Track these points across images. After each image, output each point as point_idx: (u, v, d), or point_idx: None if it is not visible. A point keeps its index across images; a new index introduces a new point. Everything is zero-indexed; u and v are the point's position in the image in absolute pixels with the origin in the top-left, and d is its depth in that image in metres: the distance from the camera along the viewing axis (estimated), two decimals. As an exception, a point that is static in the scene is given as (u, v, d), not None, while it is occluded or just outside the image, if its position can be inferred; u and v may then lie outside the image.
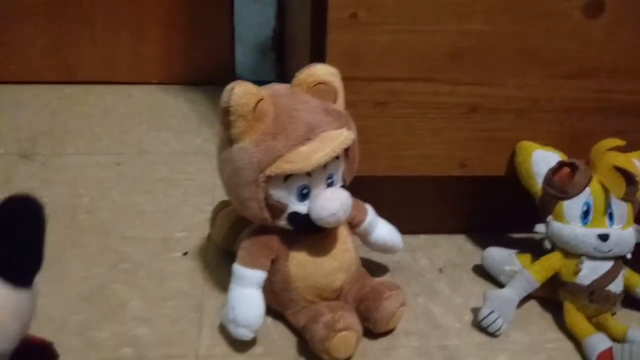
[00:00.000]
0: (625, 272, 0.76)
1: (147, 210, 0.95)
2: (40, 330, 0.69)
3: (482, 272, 0.84)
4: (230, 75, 1.33)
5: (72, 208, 0.93)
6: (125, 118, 1.23)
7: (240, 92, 0.64)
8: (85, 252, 0.84)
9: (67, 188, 0.98)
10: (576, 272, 0.74)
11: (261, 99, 0.65)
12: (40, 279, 0.75)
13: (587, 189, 0.74)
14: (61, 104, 1.27)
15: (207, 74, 1.36)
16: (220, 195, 0.85)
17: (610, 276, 0.74)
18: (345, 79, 0.71)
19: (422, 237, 0.91)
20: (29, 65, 1.34)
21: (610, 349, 0.67)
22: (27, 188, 0.97)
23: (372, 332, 0.72)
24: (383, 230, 0.79)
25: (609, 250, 0.73)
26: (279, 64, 1.34)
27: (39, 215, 0.39)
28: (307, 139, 0.65)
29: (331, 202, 0.66)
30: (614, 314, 0.77)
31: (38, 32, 1.33)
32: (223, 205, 0.84)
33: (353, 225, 0.76)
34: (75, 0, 1.31)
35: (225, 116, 0.65)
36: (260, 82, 0.71)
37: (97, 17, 1.32)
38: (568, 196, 0.75)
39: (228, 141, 0.67)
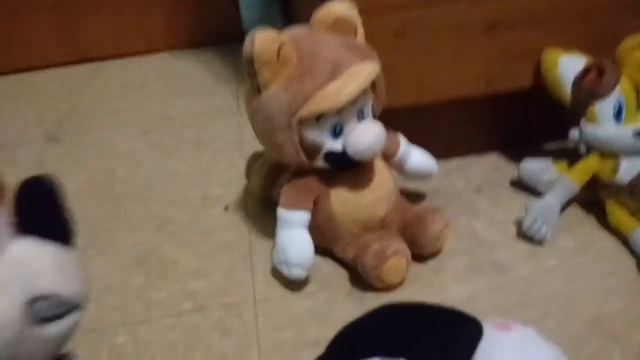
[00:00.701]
0: (663, 165, 0.76)
1: (181, 172, 0.96)
2: (101, 298, 0.73)
3: (520, 186, 0.85)
4: (237, 30, 1.32)
5: (108, 182, 0.95)
6: (142, 89, 1.24)
7: (262, 40, 0.64)
8: (130, 221, 0.86)
9: (100, 164, 1.00)
10: (615, 170, 0.74)
11: (283, 44, 0.65)
12: (89, 252, 0.80)
13: (617, 88, 0.74)
14: (77, 84, 1.28)
15: (215, 34, 1.35)
16: (249, 149, 0.87)
17: (649, 171, 0.74)
18: (361, 11, 0.71)
19: (456, 161, 0.91)
20: (39, 50, 1.34)
21: (656, 240, 0.69)
22: (60, 169, 0.99)
23: (420, 256, 0.74)
24: (417, 157, 0.80)
25: (646, 145, 0.74)
26: (286, 10, 1.33)
27: (54, 186, 0.44)
28: (333, 76, 0.66)
29: (365, 135, 0.67)
30: (656, 207, 0.77)
31: (43, 17, 1.32)
32: (257, 156, 0.85)
33: (388, 156, 0.77)
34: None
35: (250, 65, 0.65)
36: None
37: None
38: (598, 98, 0.74)
39: (256, 90, 0.67)
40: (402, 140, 0.78)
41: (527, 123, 0.90)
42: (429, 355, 0.38)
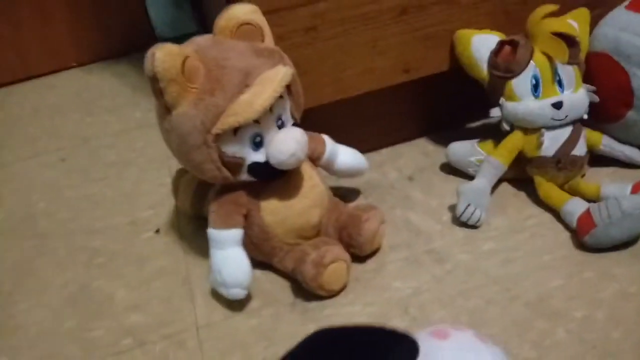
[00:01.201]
0: (585, 133, 0.77)
1: (105, 198, 0.92)
2: (34, 346, 0.68)
3: (450, 169, 0.84)
4: (150, 36, 1.26)
5: (30, 217, 0.90)
6: (55, 111, 1.17)
7: (163, 56, 0.60)
8: (56, 258, 0.82)
9: (19, 198, 0.94)
10: (539, 145, 0.74)
11: (187, 57, 0.61)
12: (16, 297, 0.75)
13: (532, 62, 0.74)
14: (-15, 114, 1.20)
15: (127, 42, 1.29)
16: (176, 164, 0.82)
17: (572, 141, 0.75)
18: (266, 13, 0.68)
19: (385, 151, 0.90)
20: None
21: (588, 210, 0.69)
22: (-22, 208, 0.93)
23: (359, 256, 0.72)
24: (345, 156, 0.78)
25: (566, 117, 0.74)
26: (197, 12, 1.28)
27: None
28: (245, 86, 0.63)
29: (287, 143, 0.64)
30: (583, 175, 0.78)
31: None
32: (182, 173, 0.81)
33: (314, 159, 0.75)
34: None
35: (155, 84, 0.62)
36: (183, 37, 0.68)
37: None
38: (515, 74, 0.74)
39: (165, 110, 0.64)
40: (328, 141, 0.76)
41: (451, 105, 0.89)
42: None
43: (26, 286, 0.78)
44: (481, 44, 0.77)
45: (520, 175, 0.79)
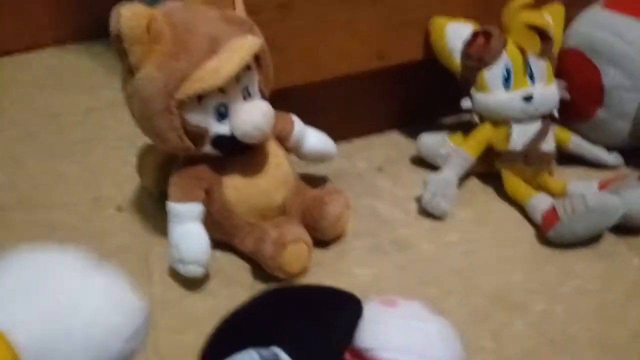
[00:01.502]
0: (555, 130, 0.77)
1: (70, 173, 0.89)
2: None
3: (421, 162, 0.84)
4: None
5: (-11, 189, 0.88)
6: (28, 87, 1.15)
7: (129, 14, 0.59)
8: (16, 231, 0.79)
9: (-20, 170, 0.92)
10: (507, 138, 0.74)
11: (154, 19, 0.60)
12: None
13: (504, 53, 0.74)
14: (-46, 88, 1.18)
15: (105, 25, 1.27)
16: (144, 142, 0.81)
17: (540, 136, 0.74)
18: (240, -16, 0.67)
19: (356, 141, 0.90)
20: None
21: (553, 206, 0.69)
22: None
23: (322, 240, 0.71)
24: (314, 138, 0.77)
25: (536, 110, 0.74)
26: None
27: None
28: (212, 52, 0.61)
29: (252, 114, 0.63)
30: (551, 173, 0.78)
31: None
32: (147, 149, 0.80)
33: (282, 138, 0.73)
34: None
35: (119, 44, 0.61)
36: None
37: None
38: (486, 64, 0.74)
39: (129, 72, 0.63)
40: (297, 121, 0.75)
41: (426, 97, 0.89)
42: (305, 337, 0.35)
43: (-20, 259, 0.76)
44: (455, 33, 0.77)
45: (489, 169, 0.78)
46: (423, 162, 0.84)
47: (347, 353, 0.39)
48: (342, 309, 0.36)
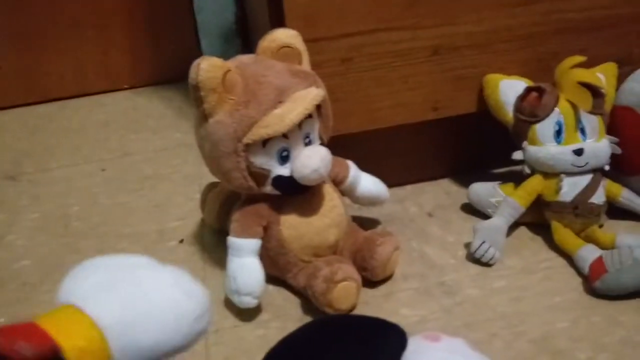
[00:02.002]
0: (605, 184, 0.78)
1: (138, 207, 0.96)
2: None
3: (471, 209, 0.86)
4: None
5: (64, 218, 0.95)
6: (102, 126, 1.24)
7: (207, 66, 0.65)
8: (85, 256, 0.82)
9: (57, 200, 0.99)
10: (558, 190, 0.76)
11: (228, 70, 0.66)
12: (44, 287, 0.79)
13: (556, 108, 0.76)
14: (38, 124, 1.28)
15: (176, 71, 1.36)
16: (207, 181, 0.86)
17: (591, 189, 0.76)
18: (307, 41, 0.73)
19: (409, 187, 0.93)
20: (2, 90, 1.34)
21: (600, 257, 0.69)
22: (17, 207, 0.98)
23: (371, 281, 0.74)
24: (368, 183, 0.80)
25: (586, 164, 0.75)
26: (245, 47, 1.35)
27: None
28: (278, 101, 0.67)
29: (311, 159, 0.68)
30: (601, 226, 0.79)
31: (4, 57, 1.33)
32: (210, 187, 0.85)
33: (337, 182, 0.77)
34: (37, 20, 1.31)
35: (196, 92, 0.66)
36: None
37: (61, 32, 1.33)
38: (539, 119, 0.76)
39: (203, 117, 0.68)
40: (352, 166, 0.79)
41: (478, 147, 0.92)
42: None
43: (53, 279, 0.81)
44: (508, 88, 0.80)
45: (538, 219, 0.80)
46: (473, 210, 0.85)
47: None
48: (387, 339, 0.38)
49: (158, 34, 1.36)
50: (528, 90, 0.78)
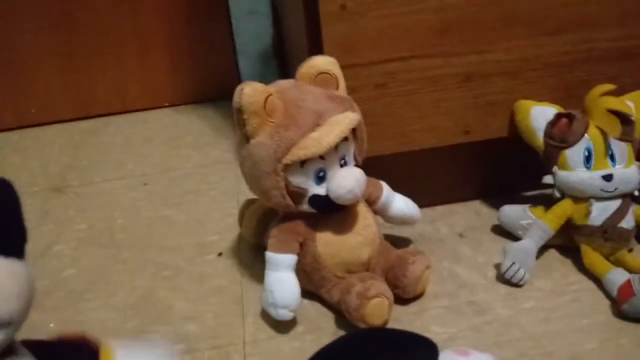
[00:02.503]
0: (634, 209, 0.79)
1: (178, 221, 1.00)
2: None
3: (501, 231, 0.88)
4: (237, 87, 1.38)
5: (108, 230, 0.99)
6: (144, 142, 1.29)
7: (250, 91, 0.69)
8: (128, 267, 0.90)
9: (101, 213, 1.04)
10: (587, 214, 0.77)
11: (270, 95, 0.70)
12: (89, 295, 0.83)
13: (586, 135, 0.78)
14: (82, 139, 1.33)
15: (215, 90, 1.42)
16: (245, 198, 0.90)
17: (620, 214, 0.77)
18: (343, 67, 0.76)
19: (440, 208, 0.95)
20: (47, 107, 1.40)
21: (628, 281, 0.71)
22: (64, 218, 1.03)
23: (403, 298, 0.76)
24: (400, 203, 0.83)
25: (615, 189, 0.77)
26: (282, 69, 1.39)
27: (11, 192, 0.45)
28: (316, 125, 0.70)
29: (347, 179, 0.71)
30: (630, 250, 0.80)
31: (51, 74, 1.39)
32: (249, 203, 0.89)
33: (371, 202, 0.80)
34: (84, 40, 1.37)
35: (239, 115, 0.70)
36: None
37: (106, 52, 1.39)
38: (569, 145, 0.78)
39: (245, 138, 0.72)
40: (385, 187, 0.82)
41: (508, 170, 0.93)
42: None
43: (97, 288, 0.86)
44: (539, 115, 0.82)
45: (568, 242, 0.81)
46: (503, 232, 0.87)
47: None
48: (419, 352, 0.41)
49: (198, 55, 1.41)
50: (558, 116, 0.80)
